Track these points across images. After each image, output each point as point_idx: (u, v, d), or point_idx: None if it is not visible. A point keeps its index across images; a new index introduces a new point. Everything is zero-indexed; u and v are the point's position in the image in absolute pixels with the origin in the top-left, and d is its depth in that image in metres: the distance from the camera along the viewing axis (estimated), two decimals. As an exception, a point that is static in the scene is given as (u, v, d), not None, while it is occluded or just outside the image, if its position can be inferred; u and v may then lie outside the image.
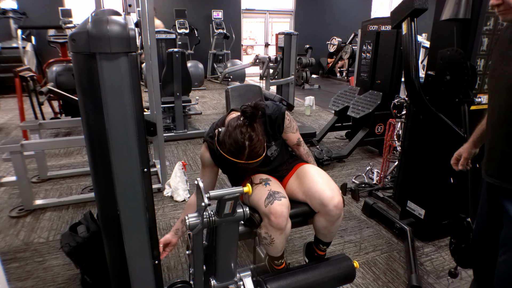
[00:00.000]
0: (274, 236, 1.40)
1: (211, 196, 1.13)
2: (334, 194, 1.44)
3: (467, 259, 1.56)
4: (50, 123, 3.67)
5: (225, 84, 7.86)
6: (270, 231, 1.39)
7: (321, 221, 1.50)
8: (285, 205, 1.38)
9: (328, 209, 1.43)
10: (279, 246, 1.46)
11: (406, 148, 2.38)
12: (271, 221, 1.36)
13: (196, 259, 1.31)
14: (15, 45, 6.45)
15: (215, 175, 1.62)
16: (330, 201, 1.42)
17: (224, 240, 1.31)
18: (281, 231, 1.40)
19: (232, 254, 1.37)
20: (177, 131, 4.34)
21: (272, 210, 1.35)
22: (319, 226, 1.53)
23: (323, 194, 1.43)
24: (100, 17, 0.95)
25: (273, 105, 1.56)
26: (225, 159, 1.30)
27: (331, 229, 1.52)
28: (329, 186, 1.47)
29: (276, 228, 1.38)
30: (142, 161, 1.09)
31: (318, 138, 4.11)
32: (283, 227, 1.39)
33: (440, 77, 1.89)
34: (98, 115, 0.99)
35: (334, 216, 1.45)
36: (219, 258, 1.34)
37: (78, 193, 2.85)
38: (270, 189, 1.41)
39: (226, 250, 1.34)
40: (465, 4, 1.79)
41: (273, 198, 1.37)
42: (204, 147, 1.56)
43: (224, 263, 1.37)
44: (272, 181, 1.48)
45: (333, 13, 10.61)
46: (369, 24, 3.78)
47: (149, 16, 2.63)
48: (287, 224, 1.42)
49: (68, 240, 1.66)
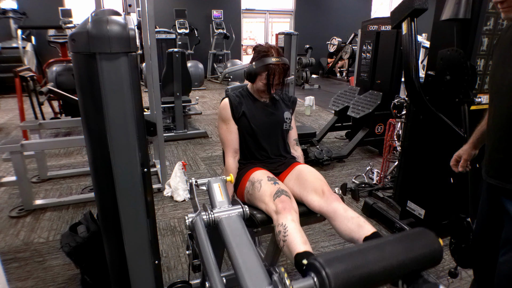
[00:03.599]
0: (285, 223, 1.29)
1: (198, 183, 1.34)
2: (324, 185, 1.48)
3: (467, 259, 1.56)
4: (50, 123, 3.67)
5: (225, 84, 7.86)
6: (280, 218, 1.32)
7: (336, 223, 1.38)
8: (293, 200, 1.42)
9: (326, 200, 1.41)
10: (295, 234, 1.26)
11: (406, 148, 2.38)
12: (280, 207, 1.34)
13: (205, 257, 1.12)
14: (15, 45, 6.46)
15: (236, 129, 1.69)
16: (323, 191, 1.45)
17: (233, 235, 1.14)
18: (292, 216, 1.32)
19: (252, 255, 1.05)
20: (177, 131, 4.34)
21: (279, 200, 1.37)
22: (341, 222, 1.36)
23: (317, 188, 1.47)
24: (100, 17, 0.95)
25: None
26: (247, 102, 1.67)
27: (350, 214, 1.36)
28: (322, 182, 1.50)
29: (286, 213, 1.32)
30: (142, 161, 1.09)
31: (318, 138, 4.11)
32: (293, 212, 1.34)
33: (440, 77, 1.89)
34: (98, 115, 0.99)
35: (336, 208, 1.39)
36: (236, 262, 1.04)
37: (78, 193, 2.85)
38: (279, 187, 1.44)
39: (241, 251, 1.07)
40: (465, 4, 1.79)
41: (281, 193, 1.40)
42: (225, 101, 1.68)
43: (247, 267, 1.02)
44: (279, 182, 1.51)
45: (333, 13, 10.61)
46: (369, 24, 3.79)
47: (149, 16, 2.63)
48: (297, 215, 1.36)
49: (68, 240, 1.66)
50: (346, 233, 1.34)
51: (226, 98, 1.70)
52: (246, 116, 1.66)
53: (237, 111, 1.65)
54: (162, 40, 5.73)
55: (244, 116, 1.66)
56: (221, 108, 1.69)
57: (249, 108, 1.67)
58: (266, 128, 1.68)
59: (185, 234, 2.30)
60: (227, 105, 1.67)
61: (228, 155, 1.69)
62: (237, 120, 1.67)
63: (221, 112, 1.70)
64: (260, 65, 1.58)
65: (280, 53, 1.62)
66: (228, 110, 1.66)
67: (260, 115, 1.68)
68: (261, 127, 1.67)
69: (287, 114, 1.74)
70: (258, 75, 1.61)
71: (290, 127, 1.77)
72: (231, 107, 1.66)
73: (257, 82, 1.64)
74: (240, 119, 1.66)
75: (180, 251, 2.13)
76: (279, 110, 1.73)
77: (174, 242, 2.22)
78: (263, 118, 1.68)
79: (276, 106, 1.73)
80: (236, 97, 1.68)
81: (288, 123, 1.74)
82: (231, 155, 1.68)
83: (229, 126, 1.68)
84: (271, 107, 1.72)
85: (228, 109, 1.66)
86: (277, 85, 1.64)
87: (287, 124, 1.73)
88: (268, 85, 1.61)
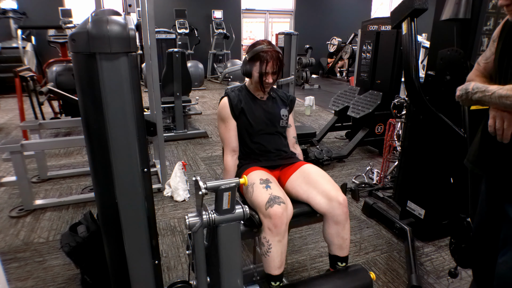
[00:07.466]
0: (271, 242, 1.36)
1: (208, 187, 1.16)
2: (339, 192, 1.49)
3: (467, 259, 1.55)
4: (50, 123, 3.67)
5: (225, 84, 7.87)
6: (268, 235, 1.37)
7: (330, 226, 1.48)
8: (285, 209, 1.38)
9: (334, 205, 1.44)
10: (276, 258, 1.38)
11: (406, 148, 2.38)
12: (270, 224, 1.35)
13: (198, 260, 1.26)
14: (15, 45, 6.46)
15: (235, 127, 1.71)
16: (336, 197, 1.46)
17: (226, 243, 1.24)
18: (279, 237, 1.36)
19: (235, 265, 1.27)
20: (177, 131, 4.34)
21: (272, 212, 1.35)
22: (330, 233, 1.49)
23: (330, 192, 1.48)
24: (100, 17, 0.95)
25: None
26: (245, 99, 1.69)
27: (342, 233, 1.48)
28: (334, 186, 1.53)
29: (274, 233, 1.35)
30: (142, 161, 1.09)
31: (318, 138, 4.11)
32: (282, 232, 1.36)
33: (440, 77, 1.89)
34: (98, 115, 0.99)
35: (340, 214, 1.45)
36: (223, 268, 1.25)
37: (78, 193, 2.85)
38: (271, 193, 1.41)
39: (229, 258, 1.25)
40: (465, 4, 1.79)
41: (274, 202, 1.37)
42: (224, 101, 1.70)
43: (229, 275, 1.27)
44: (272, 184, 1.49)
45: (333, 13, 10.61)
46: (369, 24, 3.78)
47: (149, 16, 2.63)
48: (286, 231, 1.39)
49: (68, 240, 1.66)
50: (327, 240, 1.53)
51: (225, 97, 1.71)
52: (244, 113, 1.68)
53: (237, 108, 1.68)
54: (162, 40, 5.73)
55: (243, 113, 1.68)
56: (220, 107, 1.71)
57: (247, 105, 1.70)
58: (264, 125, 1.70)
59: (185, 234, 2.30)
60: (226, 104, 1.69)
61: (227, 153, 1.71)
62: (236, 117, 1.69)
63: (220, 111, 1.71)
64: (252, 56, 1.62)
65: (271, 44, 1.65)
66: (227, 108, 1.68)
67: (258, 112, 1.70)
68: (258, 123, 1.69)
69: (283, 111, 1.76)
70: (253, 66, 1.64)
71: (288, 124, 1.79)
72: (230, 105, 1.68)
73: (253, 75, 1.66)
74: (239, 115, 1.69)
75: (180, 251, 2.13)
76: (276, 107, 1.75)
77: (174, 242, 2.22)
78: (260, 114, 1.70)
79: (273, 103, 1.76)
80: (235, 95, 1.71)
81: (285, 120, 1.76)
82: (229, 153, 1.70)
83: (228, 125, 1.69)
84: (268, 104, 1.75)
85: (227, 108, 1.68)
86: (273, 74, 1.65)
87: (283, 121, 1.75)
88: (261, 74, 1.62)
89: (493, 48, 1.21)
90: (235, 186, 1.18)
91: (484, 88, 1.09)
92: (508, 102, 1.01)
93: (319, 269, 1.98)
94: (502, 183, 1.18)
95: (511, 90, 1.00)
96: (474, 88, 1.13)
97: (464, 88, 1.18)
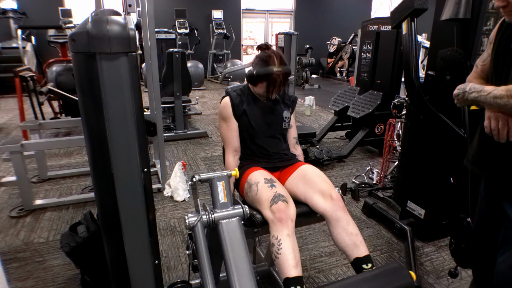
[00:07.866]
0: (280, 237, 1.31)
1: (202, 178, 1.27)
2: (332, 189, 1.49)
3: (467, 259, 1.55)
4: (50, 123, 3.67)
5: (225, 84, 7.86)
6: (275, 231, 1.34)
7: (334, 225, 1.43)
8: (289, 206, 1.39)
9: (328, 202, 1.43)
10: (288, 254, 1.29)
11: (406, 148, 2.38)
12: (275, 219, 1.34)
13: (200, 259, 1.23)
14: (15, 45, 6.46)
15: (237, 127, 1.70)
16: (329, 194, 1.46)
17: (229, 241, 1.22)
18: (287, 231, 1.34)
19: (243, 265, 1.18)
20: (177, 131, 4.34)
21: (276, 208, 1.35)
22: (338, 233, 1.41)
23: (325, 190, 1.48)
24: (100, 17, 0.95)
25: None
26: (247, 101, 1.67)
27: (348, 228, 1.41)
28: (328, 184, 1.52)
29: (282, 227, 1.33)
30: (142, 161, 1.09)
31: (318, 138, 4.11)
32: (289, 226, 1.35)
33: (440, 77, 1.89)
34: (98, 115, 0.99)
35: (337, 210, 1.42)
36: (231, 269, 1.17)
37: (78, 193, 2.85)
38: (276, 191, 1.42)
39: (235, 257, 1.18)
40: (465, 4, 1.79)
41: (278, 199, 1.38)
42: (226, 100, 1.69)
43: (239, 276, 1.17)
44: (277, 183, 1.50)
45: (333, 13, 10.61)
46: (369, 24, 3.78)
47: (149, 16, 2.63)
48: (293, 228, 1.37)
49: (68, 240, 1.66)
50: (340, 245, 1.42)
51: (226, 97, 1.70)
52: (246, 114, 1.67)
53: (238, 109, 1.66)
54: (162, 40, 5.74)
55: (245, 114, 1.67)
56: (222, 106, 1.70)
57: (249, 107, 1.68)
58: (266, 127, 1.69)
59: (185, 234, 2.30)
60: (228, 103, 1.67)
61: (228, 153, 1.70)
62: (238, 118, 1.68)
63: (221, 111, 1.70)
64: (261, 74, 1.59)
65: (282, 61, 1.60)
66: (229, 108, 1.67)
67: (260, 114, 1.69)
68: (260, 126, 1.68)
69: (286, 113, 1.75)
70: (258, 82, 1.63)
71: (290, 126, 1.78)
72: (232, 105, 1.66)
73: (257, 87, 1.65)
74: (241, 116, 1.67)
75: (180, 251, 2.13)
76: (279, 110, 1.74)
77: (174, 242, 2.22)
78: (262, 116, 1.69)
79: (276, 106, 1.74)
80: (237, 95, 1.69)
81: (287, 122, 1.75)
82: (231, 153, 1.69)
83: (230, 124, 1.68)
84: (271, 106, 1.73)
85: (229, 107, 1.67)
86: (277, 92, 1.66)
87: (286, 123, 1.74)
88: (268, 93, 1.63)
89: (489, 50, 1.21)
90: (227, 176, 1.30)
91: (480, 89, 1.10)
92: (502, 102, 1.02)
93: (319, 269, 1.99)
94: (500, 182, 1.18)
95: (505, 90, 1.01)
96: (471, 88, 1.14)
97: (462, 87, 1.19)
